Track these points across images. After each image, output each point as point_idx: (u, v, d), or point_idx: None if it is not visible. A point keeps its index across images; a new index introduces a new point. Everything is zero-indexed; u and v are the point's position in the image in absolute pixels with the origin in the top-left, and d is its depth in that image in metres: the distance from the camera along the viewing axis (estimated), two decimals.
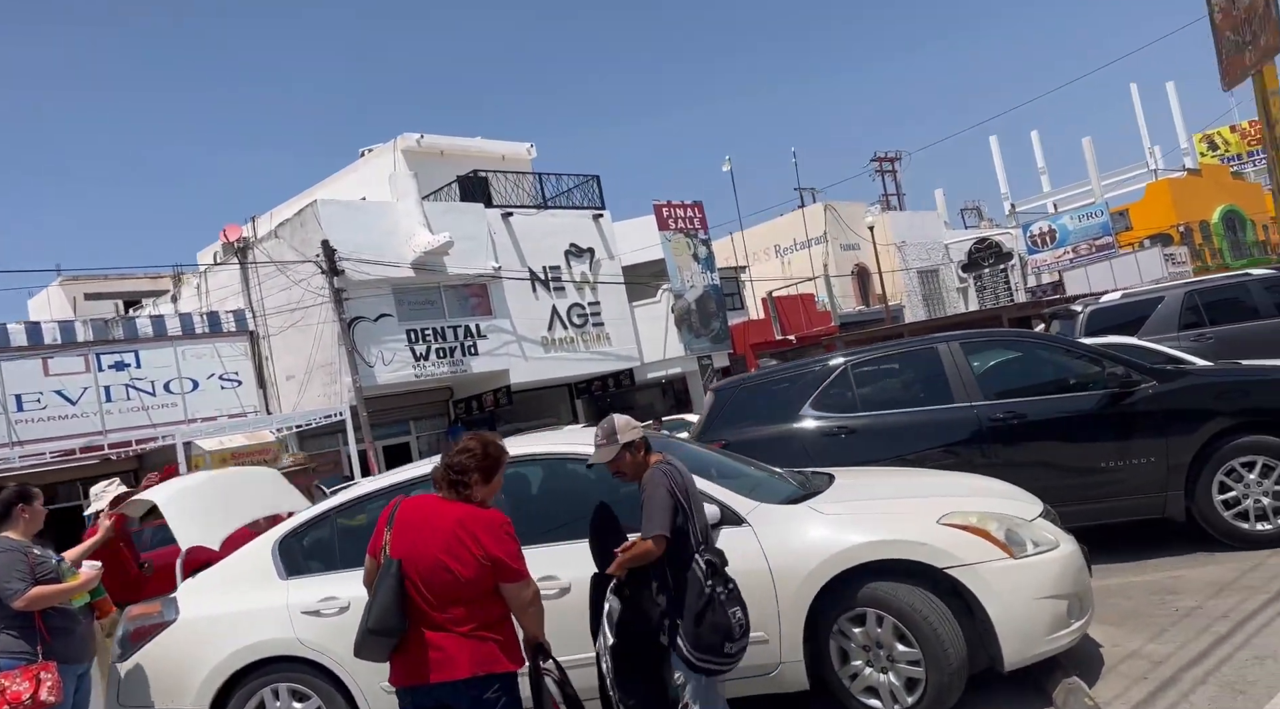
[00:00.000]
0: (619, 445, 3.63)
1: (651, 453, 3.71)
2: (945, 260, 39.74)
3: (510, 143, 25.31)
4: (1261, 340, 10.12)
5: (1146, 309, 10.53)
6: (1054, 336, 6.85)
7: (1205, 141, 55.76)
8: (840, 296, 35.82)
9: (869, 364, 6.91)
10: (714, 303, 26.47)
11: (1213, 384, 6.21)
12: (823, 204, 36.20)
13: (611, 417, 3.76)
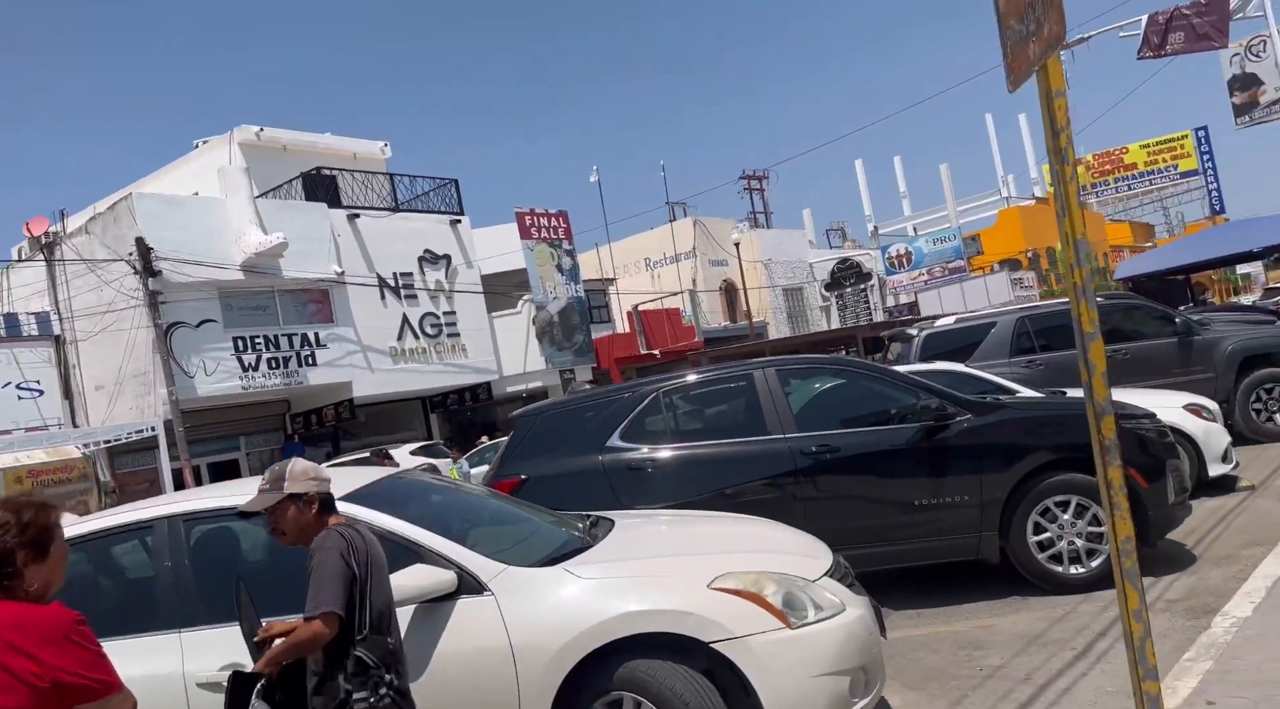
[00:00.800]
0: (282, 494, 2.87)
1: (332, 513, 2.96)
2: (810, 279, 40.44)
3: (363, 141, 24.02)
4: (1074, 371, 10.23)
5: (980, 334, 10.49)
6: (872, 365, 6.48)
7: None
8: (708, 312, 35.88)
9: (682, 391, 6.37)
10: (577, 315, 25.85)
11: (1027, 418, 5.96)
12: (692, 219, 36.20)
13: (292, 460, 3.01)
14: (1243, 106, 19.66)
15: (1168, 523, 5.75)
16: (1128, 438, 5.75)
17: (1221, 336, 10.11)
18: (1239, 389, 9.95)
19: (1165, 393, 8.43)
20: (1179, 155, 57.78)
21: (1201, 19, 13.92)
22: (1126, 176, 59.37)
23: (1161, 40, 14.31)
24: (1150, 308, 10.64)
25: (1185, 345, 10.08)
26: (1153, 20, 14.30)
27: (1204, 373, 10.02)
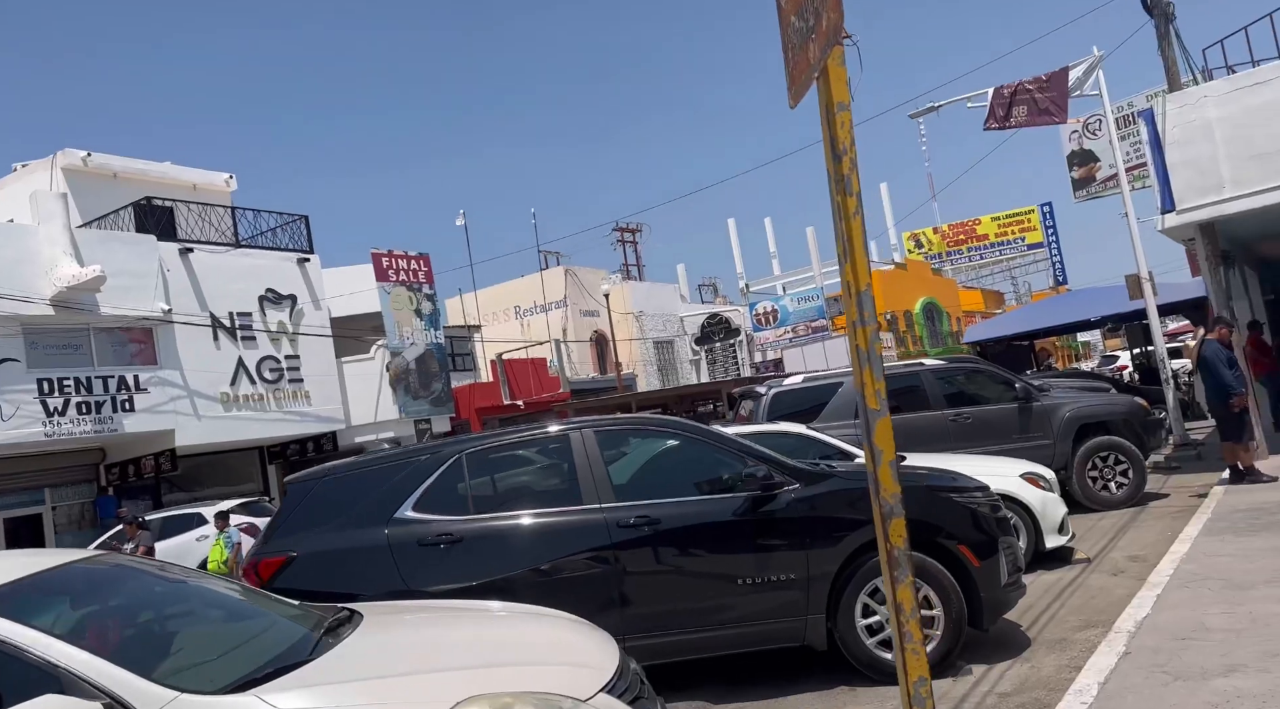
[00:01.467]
0: None
1: None
2: (681, 333, 40.53)
3: (206, 171, 22.46)
4: (929, 431, 10.08)
5: (826, 394, 10.25)
6: (700, 426, 5.96)
7: (912, 239, 61.97)
8: (578, 363, 35.30)
9: (490, 453, 5.66)
10: (437, 362, 24.73)
11: (858, 488, 5.51)
12: (564, 268, 35.74)
13: None
14: (1081, 181, 20.88)
15: (1000, 606, 5.39)
16: (960, 512, 5.41)
17: (1059, 403, 10.19)
18: (1076, 457, 10.01)
19: (1003, 460, 8.29)
20: (1026, 228, 61.69)
21: (1043, 94, 14.50)
22: (979, 246, 62.86)
23: (1006, 113, 14.80)
24: (992, 372, 10.68)
25: (1025, 411, 10.11)
26: (998, 93, 14.79)
27: (1042, 439, 10.05)
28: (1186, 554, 6.64)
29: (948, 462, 8.08)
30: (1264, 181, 10.65)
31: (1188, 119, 11.10)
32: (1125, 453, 9.96)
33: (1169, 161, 11.24)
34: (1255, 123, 10.69)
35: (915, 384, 10.35)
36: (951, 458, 8.58)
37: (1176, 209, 11.25)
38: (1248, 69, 11.36)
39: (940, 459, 8.32)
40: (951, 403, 10.25)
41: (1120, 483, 10.00)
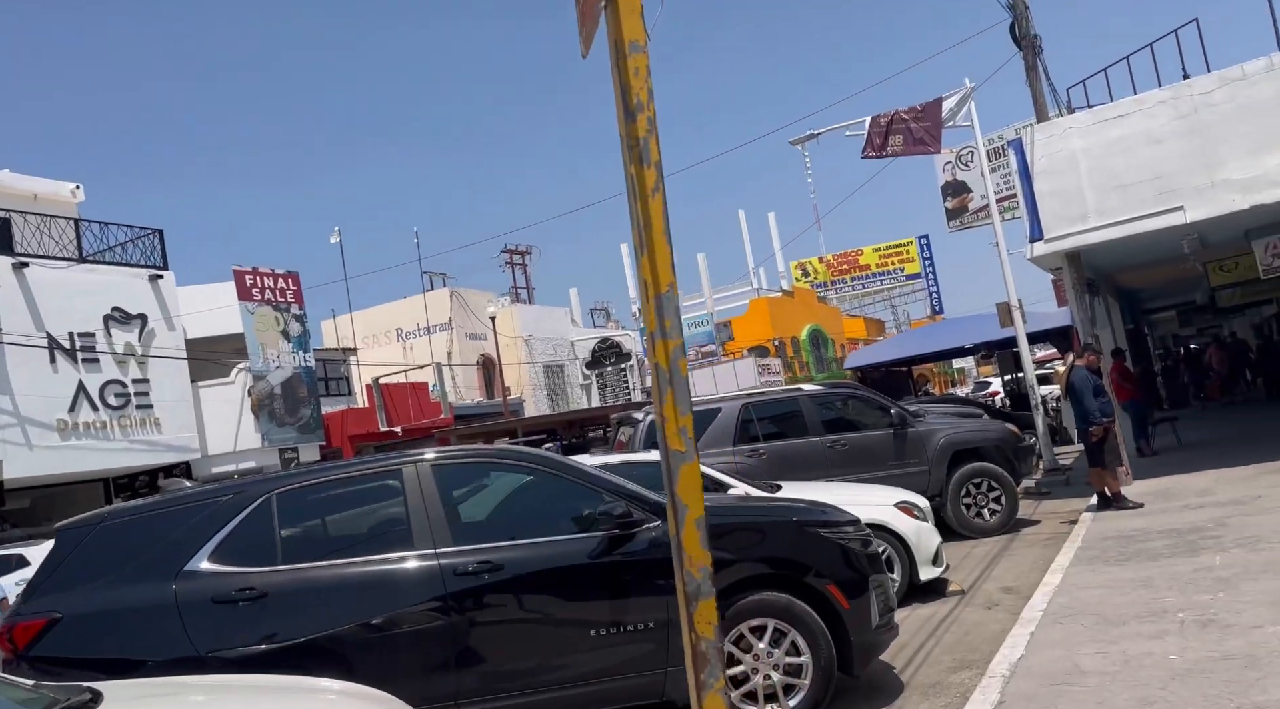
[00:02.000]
0: None
1: None
2: (571, 357, 39.96)
3: (49, 181, 20.66)
4: (808, 458, 9.83)
5: (705, 420, 9.87)
6: (553, 458, 5.42)
7: (799, 268, 63.39)
8: (463, 387, 34.24)
9: (309, 491, 4.95)
10: (305, 387, 23.37)
11: (722, 524, 5.07)
12: (449, 290, 34.71)
13: None
14: (954, 211, 21.56)
15: (872, 649, 5.03)
16: (829, 550, 5.03)
17: (934, 430, 10.11)
18: (950, 483, 9.92)
19: (878, 489, 8.06)
20: (905, 259, 64.05)
21: (918, 124, 14.70)
22: (861, 276, 64.90)
23: (883, 142, 14.94)
24: (870, 398, 10.54)
25: (900, 438, 9.97)
26: (875, 122, 14.92)
27: (918, 466, 9.94)
28: (1059, 586, 6.48)
29: (823, 491, 7.79)
30: (1124, 212, 10.93)
31: (1054, 149, 11.34)
32: (998, 479, 9.94)
33: (1037, 191, 11.45)
34: (1116, 154, 10.99)
35: (794, 410, 10.10)
36: (827, 486, 8.31)
37: (1045, 237, 11.44)
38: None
39: (815, 488, 8.02)
40: (830, 429, 10.04)
41: (993, 510, 9.97)
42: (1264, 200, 10.22)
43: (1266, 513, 7.80)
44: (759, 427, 9.89)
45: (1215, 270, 16.02)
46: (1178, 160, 10.67)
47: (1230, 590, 5.55)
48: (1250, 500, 8.56)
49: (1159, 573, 6.33)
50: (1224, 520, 7.80)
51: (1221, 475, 10.42)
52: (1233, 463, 11.09)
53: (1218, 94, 10.47)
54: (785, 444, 9.83)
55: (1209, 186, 10.52)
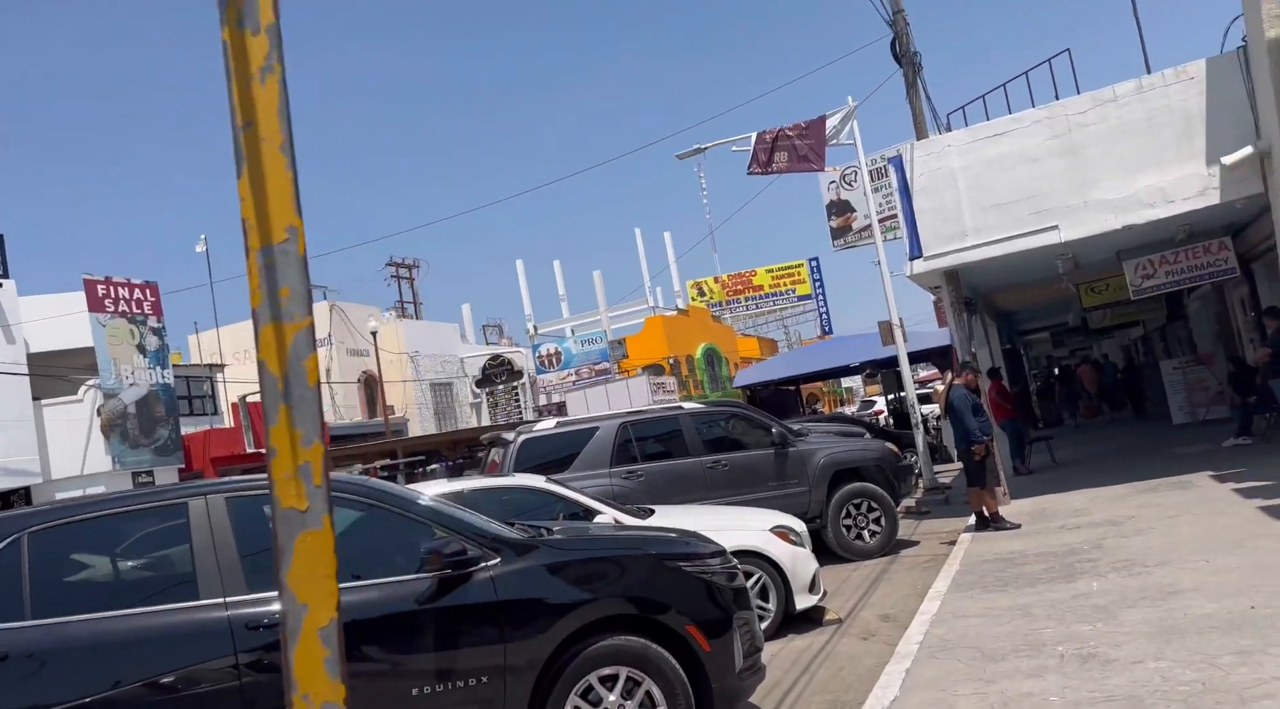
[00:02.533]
0: None
1: None
2: (461, 374, 38.82)
3: None
4: (688, 479, 9.37)
5: (581, 441, 9.30)
6: (376, 486, 4.74)
7: (695, 287, 63.80)
8: (344, 405, 32.70)
9: (71, 530, 4.13)
10: (163, 406, 21.73)
11: (572, 561, 4.47)
12: (329, 303, 33.16)
13: None
14: (838, 230, 21.74)
15: (735, 695, 4.51)
16: (690, 585, 4.51)
17: (814, 449, 9.80)
18: (830, 504, 9.62)
19: (753, 512, 7.63)
20: (796, 280, 65.27)
21: (802, 141, 14.60)
22: (755, 296, 65.81)
23: (768, 158, 14.79)
24: (751, 417, 10.17)
25: (781, 457, 9.62)
26: (760, 138, 14.76)
27: (798, 486, 9.60)
28: (936, 615, 6.15)
29: (698, 515, 7.32)
30: (1001, 230, 10.95)
31: (933, 167, 11.31)
32: (878, 500, 9.69)
33: (917, 208, 11.39)
34: (994, 173, 11.02)
35: (674, 429, 9.63)
36: (703, 510, 7.85)
37: (924, 256, 11.38)
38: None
39: (690, 512, 7.54)
40: (711, 449, 9.61)
41: (873, 531, 9.71)
42: (1135, 220, 10.38)
43: (1140, 534, 7.73)
44: (638, 447, 9.37)
45: (1087, 292, 16.48)
46: (1053, 180, 10.76)
47: (1109, 620, 5.30)
48: (1124, 520, 8.52)
49: (1037, 600, 6.08)
50: (1100, 542, 7.69)
51: (1096, 494, 10.47)
52: (1106, 482, 11.20)
53: (1090, 115, 10.61)
54: (665, 465, 9.34)
55: (1082, 206, 10.64)
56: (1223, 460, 11.33)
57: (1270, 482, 9.14)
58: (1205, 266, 12.20)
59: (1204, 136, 10.20)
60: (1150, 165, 10.37)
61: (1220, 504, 8.50)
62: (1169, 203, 10.30)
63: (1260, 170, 9.89)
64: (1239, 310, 15.84)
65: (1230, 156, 9.79)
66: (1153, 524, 8.11)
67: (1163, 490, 9.90)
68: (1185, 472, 10.87)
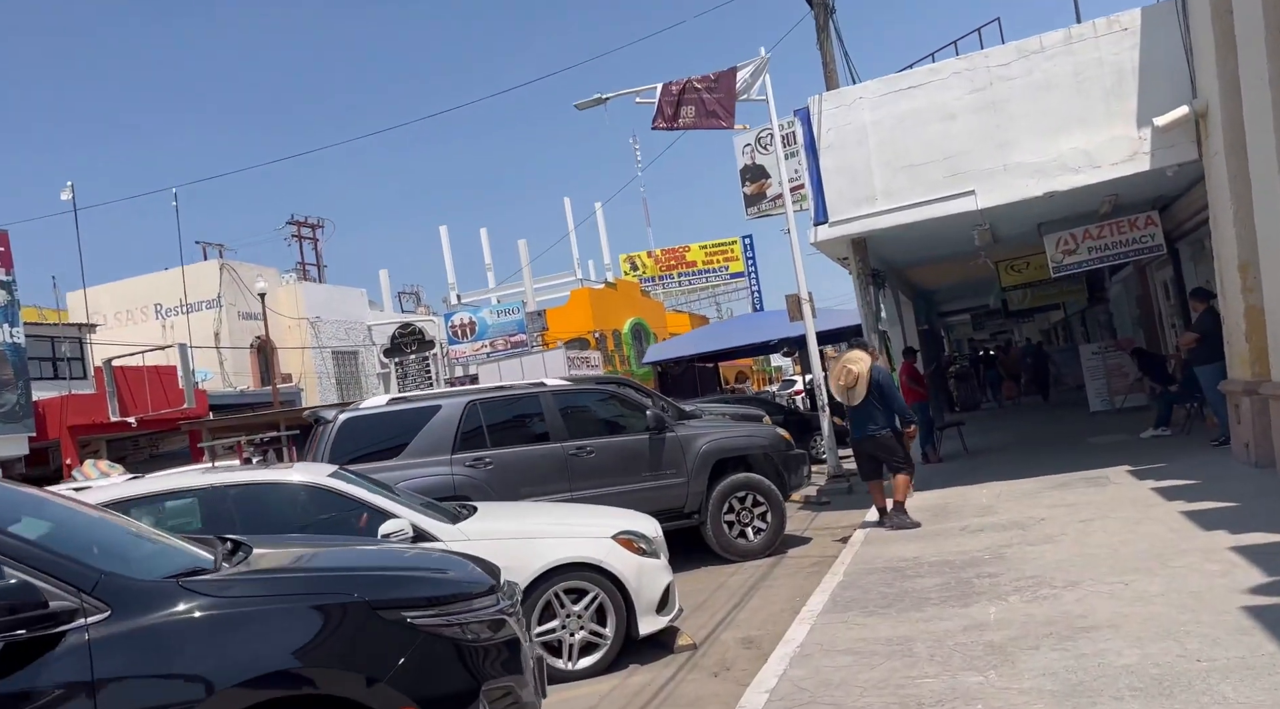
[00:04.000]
0: None
1: None
2: (368, 342, 36.84)
3: None
4: (545, 468, 8.04)
5: (418, 421, 7.88)
6: None
7: (628, 261, 62.48)
8: (234, 373, 30.53)
9: None
10: (11, 367, 19.55)
11: (226, 617, 3.01)
12: (218, 262, 30.86)
13: None
14: (752, 197, 20.53)
15: None
16: (420, 645, 3.18)
17: (695, 435, 8.56)
18: (711, 497, 8.41)
19: (600, 512, 6.35)
20: (730, 257, 64.37)
21: (711, 95, 13.31)
22: (688, 273, 64.80)
23: (674, 113, 13.47)
24: (624, 397, 8.88)
25: (657, 443, 8.36)
26: (666, 90, 13.42)
27: (675, 477, 8.37)
28: (801, 647, 4.97)
29: (524, 517, 6.03)
30: (913, 195, 9.82)
31: (842, 122, 10.10)
32: (764, 493, 8.53)
33: (823, 168, 10.19)
34: (907, 130, 9.87)
35: (533, 410, 8.27)
36: (535, 510, 6.55)
37: (829, 220, 10.20)
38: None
39: (520, 511, 6.24)
40: (576, 433, 8.28)
41: (758, 528, 8.55)
42: (1058, 187, 9.34)
43: (1049, 542, 6.68)
44: (488, 430, 7.99)
45: (1006, 271, 15.62)
46: (970, 139, 9.65)
47: (1006, 667, 4.16)
48: (1033, 523, 7.49)
49: (923, 630, 4.93)
50: (1002, 551, 6.62)
51: (1005, 489, 9.50)
52: (1016, 474, 10.26)
53: (1014, 67, 9.51)
54: (519, 452, 7.99)
55: (1001, 170, 9.56)
56: (1141, 453, 10.49)
57: (1193, 480, 8.23)
58: (1131, 243, 11.30)
59: (1135, 95, 9.18)
60: (1076, 125, 9.33)
61: (1139, 506, 7.54)
62: (1095, 168, 9.28)
63: (1195, 133, 8.92)
64: (1162, 294, 15.13)
65: (1163, 117, 8.79)
66: (1064, 529, 7.10)
67: (1076, 487, 8.96)
68: (1101, 465, 9.98)
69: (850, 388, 8.51)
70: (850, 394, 8.55)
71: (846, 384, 8.53)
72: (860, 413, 8.55)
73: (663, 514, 8.28)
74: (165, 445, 25.06)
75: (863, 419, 8.55)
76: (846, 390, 8.56)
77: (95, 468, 16.39)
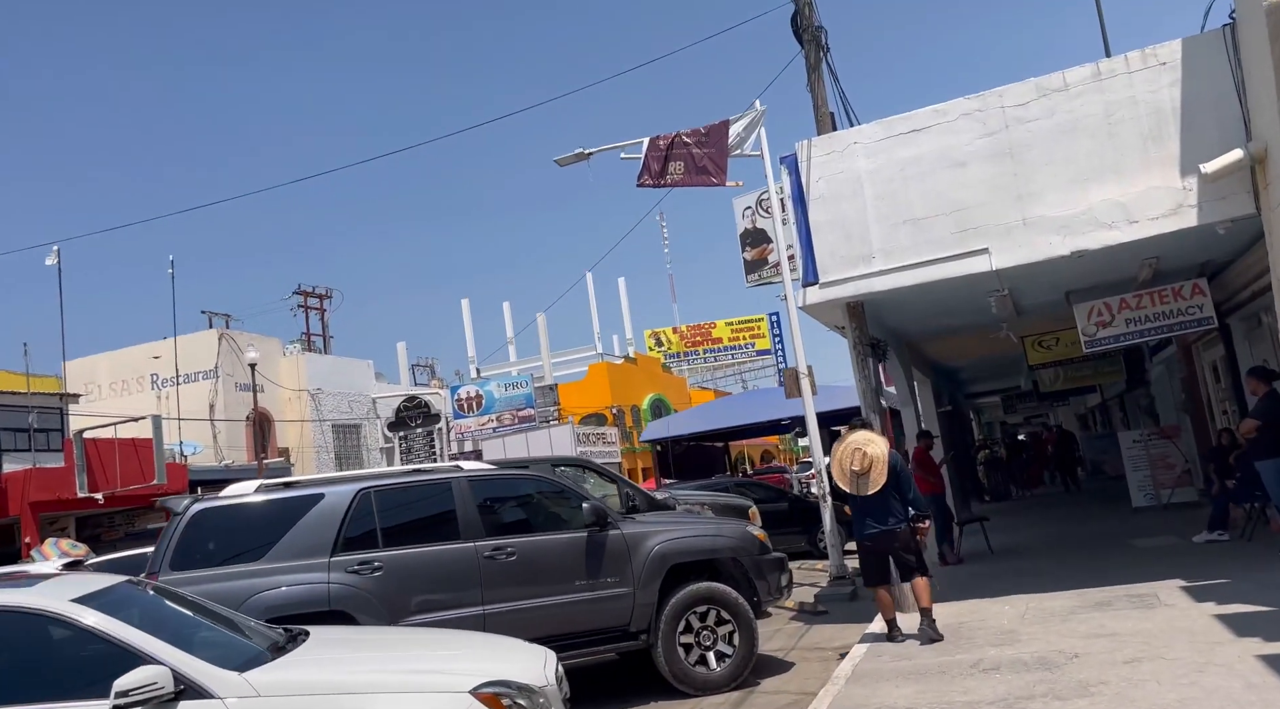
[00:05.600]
0: None
1: None
2: (372, 415, 35.68)
3: None
4: (453, 573, 6.54)
5: (293, 512, 6.44)
6: None
7: (653, 337, 61.55)
8: (228, 447, 29.41)
9: None
10: None
11: None
12: (217, 332, 30.07)
13: None
14: (753, 263, 19.21)
15: None
16: None
17: (646, 533, 7.02)
18: (664, 613, 6.82)
19: (473, 645, 4.81)
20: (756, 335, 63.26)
21: (701, 150, 12.17)
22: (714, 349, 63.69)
23: (661, 169, 12.31)
24: (555, 484, 7.37)
25: (596, 543, 6.83)
26: (653, 145, 12.30)
27: (618, 586, 6.80)
28: None
29: (357, 653, 4.52)
30: (916, 253, 8.42)
31: (835, 170, 8.80)
32: (730, 608, 6.94)
33: (812, 221, 8.84)
34: (909, 179, 8.52)
35: (444, 500, 6.80)
36: (382, 643, 5.01)
37: (820, 281, 8.81)
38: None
39: (347, 648, 4.73)
40: (494, 530, 6.79)
41: (722, 653, 6.92)
42: (1087, 245, 7.89)
43: (1084, 694, 5.05)
44: (382, 525, 6.53)
45: (1034, 347, 14.06)
46: (983, 190, 8.27)
47: None
48: (1063, 662, 5.83)
49: None
50: (1023, 706, 4.97)
51: (1031, 606, 7.81)
52: (1046, 585, 8.56)
53: (1034, 107, 8.17)
54: (418, 553, 6.51)
55: (1020, 225, 8.14)
56: (1195, 563, 8.76)
57: (1266, 606, 6.54)
58: (1175, 315, 9.75)
59: (1178, 138, 7.78)
60: (1108, 174, 7.93)
61: (1201, 643, 5.85)
62: (1131, 223, 7.83)
63: (1251, 183, 7.47)
64: (1210, 376, 13.44)
65: (1213, 163, 7.35)
66: (1104, 674, 5.44)
67: (1119, 607, 7.27)
68: (1148, 576, 8.27)
69: (863, 474, 7.09)
70: (862, 482, 7.13)
71: (861, 469, 7.12)
72: (874, 504, 7.14)
73: (603, 634, 6.79)
74: (143, 522, 23.81)
75: (880, 511, 7.14)
76: (858, 478, 7.12)
77: (56, 547, 15.09)
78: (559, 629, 6.57)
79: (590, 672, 7.86)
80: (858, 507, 7.29)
